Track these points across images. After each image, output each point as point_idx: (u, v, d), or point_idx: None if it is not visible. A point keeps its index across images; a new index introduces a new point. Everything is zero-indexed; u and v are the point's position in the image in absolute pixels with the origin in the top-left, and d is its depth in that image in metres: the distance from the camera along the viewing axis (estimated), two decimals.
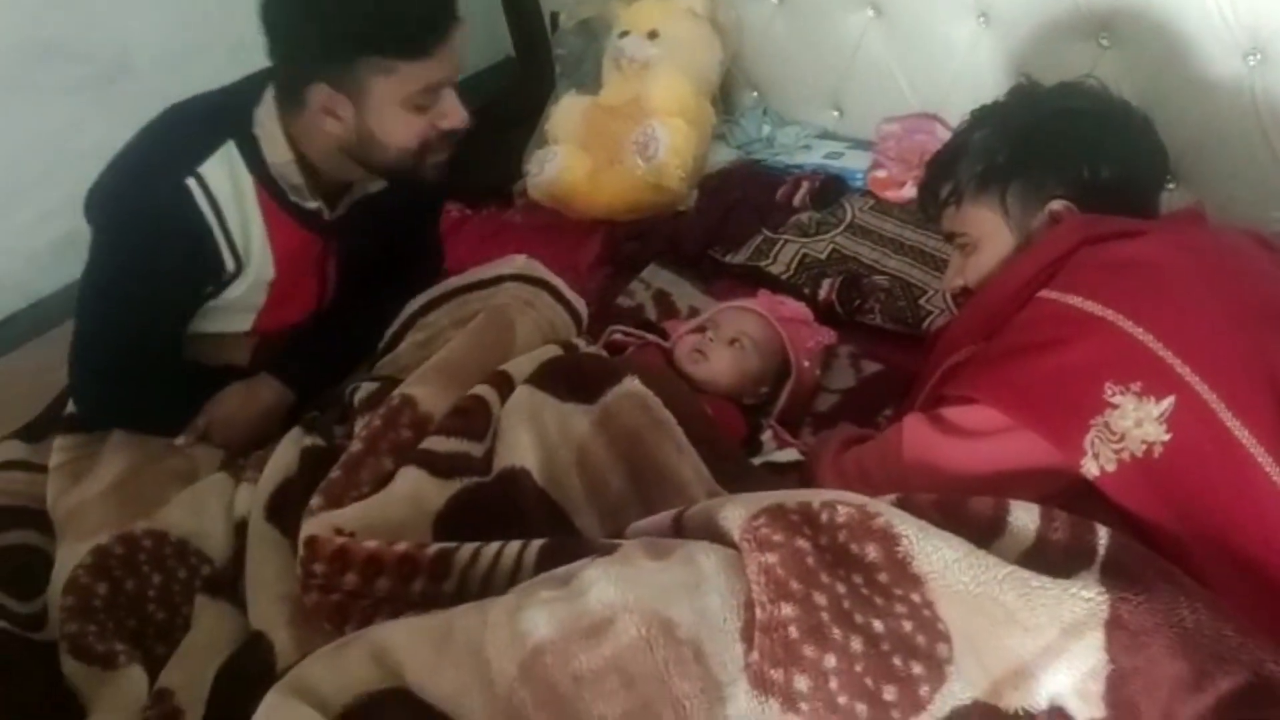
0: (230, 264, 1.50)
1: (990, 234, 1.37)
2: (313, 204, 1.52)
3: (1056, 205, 1.31)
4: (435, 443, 1.37)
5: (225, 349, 1.65)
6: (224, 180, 1.45)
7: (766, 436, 1.57)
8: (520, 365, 1.51)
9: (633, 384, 1.43)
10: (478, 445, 1.40)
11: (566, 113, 2.32)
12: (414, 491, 1.31)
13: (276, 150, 1.46)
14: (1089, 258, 1.18)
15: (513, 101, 2.62)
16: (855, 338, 1.80)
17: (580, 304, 1.74)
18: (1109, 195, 1.31)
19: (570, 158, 2.23)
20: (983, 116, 1.45)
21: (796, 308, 1.73)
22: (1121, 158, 1.32)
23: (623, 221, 2.20)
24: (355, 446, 1.39)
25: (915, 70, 2.07)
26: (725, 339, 1.62)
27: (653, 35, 2.25)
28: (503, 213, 2.38)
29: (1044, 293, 1.18)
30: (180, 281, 1.49)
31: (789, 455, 1.53)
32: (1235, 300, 1.11)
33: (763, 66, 2.36)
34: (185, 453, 1.57)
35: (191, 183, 1.42)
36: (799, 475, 1.47)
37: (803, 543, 1.01)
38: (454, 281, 1.73)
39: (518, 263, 1.75)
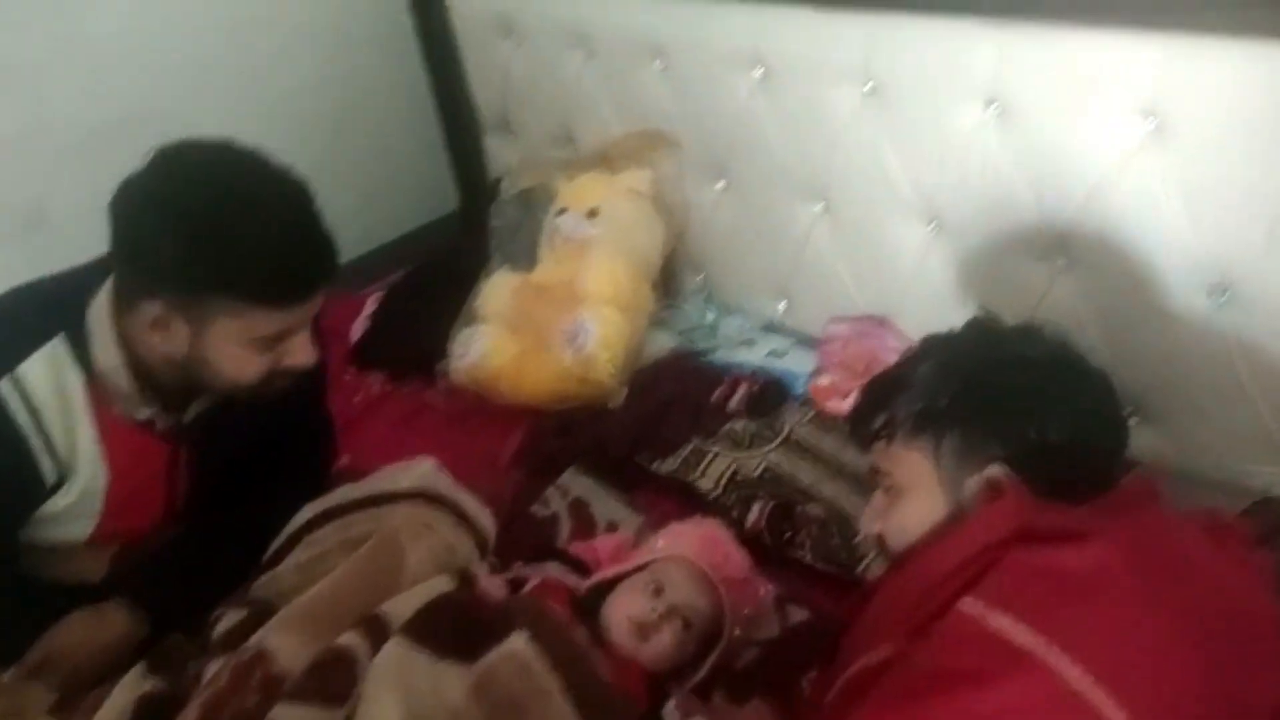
0: (51, 475, 1.33)
1: (918, 484, 1.19)
2: (144, 413, 1.36)
3: (995, 471, 1.13)
4: (283, 714, 1.19)
5: (74, 562, 1.46)
6: (45, 381, 1.29)
7: (669, 708, 1.36)
8: (399, 606, 1.34)
9: (519, 642, 1.26)
10: (335, 711, 1.21)
11: (497, 290, 2.17)
12: None
13: (107, 352, 1.30)
14: (1022, 562, 0.99)
15: (451, 264, 2.49)
16: (782, 575, 1.61)
17: (487, 522, 1.57)
18: (1056, 461, 1.13)
19: (496, 340, 2.08)
20: (931, 348, 1.29)
21: (739, 562, 1.52)
22: (1073, 422, 1.15)
23: (549, 411, 2.03)
24: (190, 714, 1.21)
25: (864, 271, 1.93)
26: (676, 614, 1.41)
27: (592, 214, 2.12)
28: (425, 390, 2.21)
29: (967, 603, 0.99)
30: None
31: None
32: (1194, 634, 0.92)
33: (708, 250, 2.23)
34: (11, 692, 1.34)
35: (5, 386, 1.26)
36: None
37: None
38: (348, 493, 1.56)
39: (422, 471, 1.59)
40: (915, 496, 1.18)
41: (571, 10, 2.22)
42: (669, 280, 2.29)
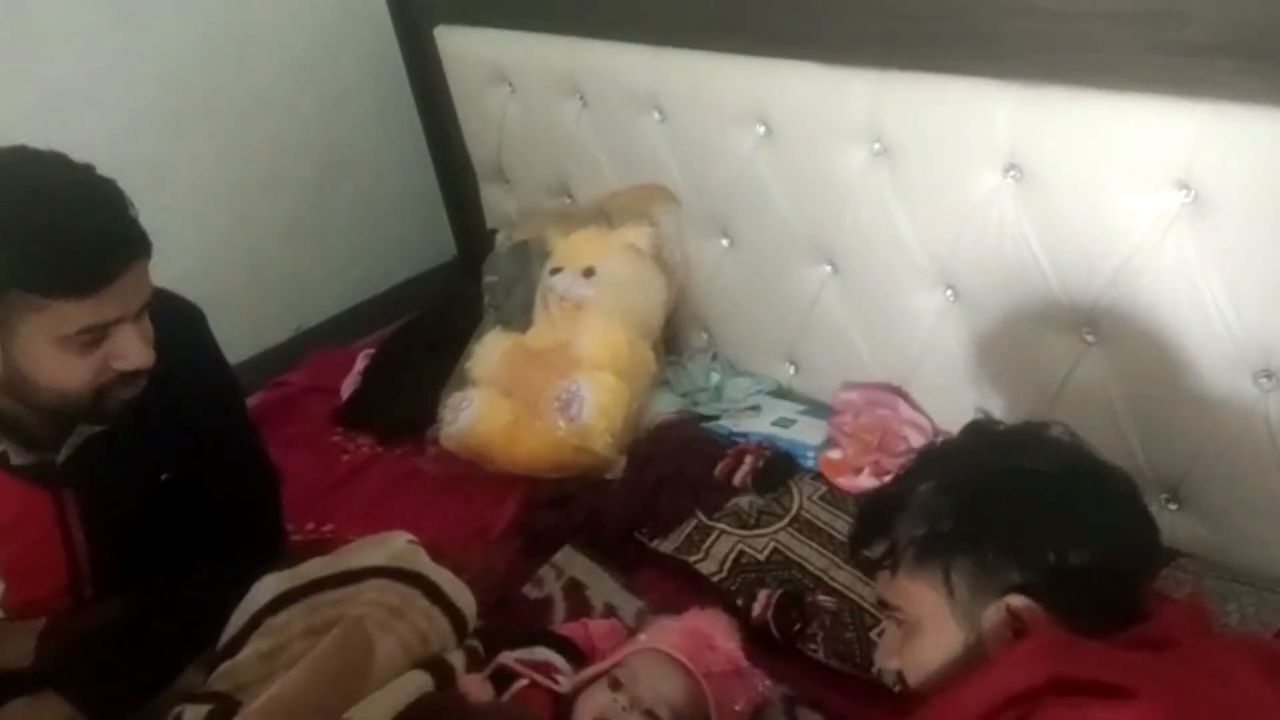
0: None
1: (931, 618, 1.07)
2: (16, 459, 1.29)
3: (1016, 602, 1.02)
4: None
5: None
6: None
7: None
8: (374, 708, 1.26)
9: None
10: None
11: (489, 352, 2.08)
12: None
13: None
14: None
15: (446, 318, 2.41)
16: (793, 672, 1.49)
17: (466, 601, 1.47)
18: (1082, 586, 1.01)
19: (488, 406, 1.98)
20: (927, 462, 1.18)
21: (728, 651, 1.41)
22: (1097, 539, 1.03)
23: (544, 480, 1.93)
24: None
25: (876, 336, 1.82)
26: (641, 708, 1.31)
27: (588, 273, 2.02)
28: (415, 454, 2.11)
29: None
30: None
31: None
32: None
33: (712, 309, 2.12)
34: None
35: None
36: None
37: None
38: (315, 569, 1.47)
39: (396, 549, 1.50)
40: (931, 631, 1.07)
41: (567, 59, 2.12)
42: (672, 339, 2.19)
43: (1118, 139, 1.36)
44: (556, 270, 2.06)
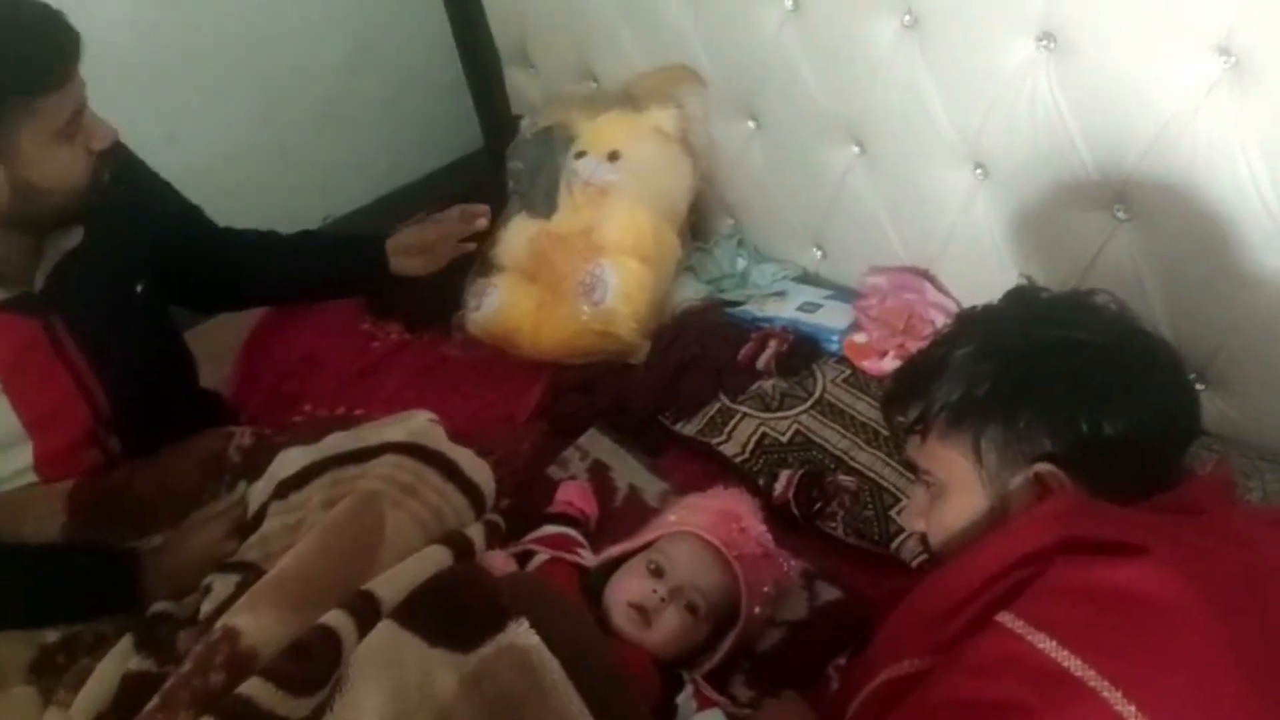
0: None
1: (959, 482, 1.07)
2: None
3: (1043, 468, 1.01)
4: (255, 688, 1.12)
5: (33, 517, 1.41)
6: None
7: (685, 696, 1.28)
8: (393, 582, 1.27)
9: (520, 633, 1.18)
10: (307, 701, 1.14)
11: (513, 238, 2.06)
12: None
13: None
14: (1071, 577, 0.88)
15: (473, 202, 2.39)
16: (812, 549, 1.51)
17: (485, 479, 1.49)
18: (1114, 457, 1.00)
19: (512, 292, 1.98)
20: (968, 327, 1.15)
21: (757, 534, 1.41)
22: (1134, 413, 1.01)
23: (569, 365, 1.93)
24: (153, 701, 1.16)
25: (903, 218, 1.79)
26: (681, 602, 1.32)
27: (613, 157, 1.99)
28: (443, 341, 2.12)
29: (1009, 618, 0.88)
30: None
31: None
32: (1258, 649, 0.81)
33: (738, 194, 2.09)
34: None
35: None
36: None
37: None
38: (337, 444, 1.48)
39: (414, 426, 1.51)
40: (958, 495, 1.07)
41: None
42: (698, 224, 2.17)
43: (1156, 3, 1.31)
44: (581, 155, 2.03)
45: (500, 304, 1.97)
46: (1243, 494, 1.33)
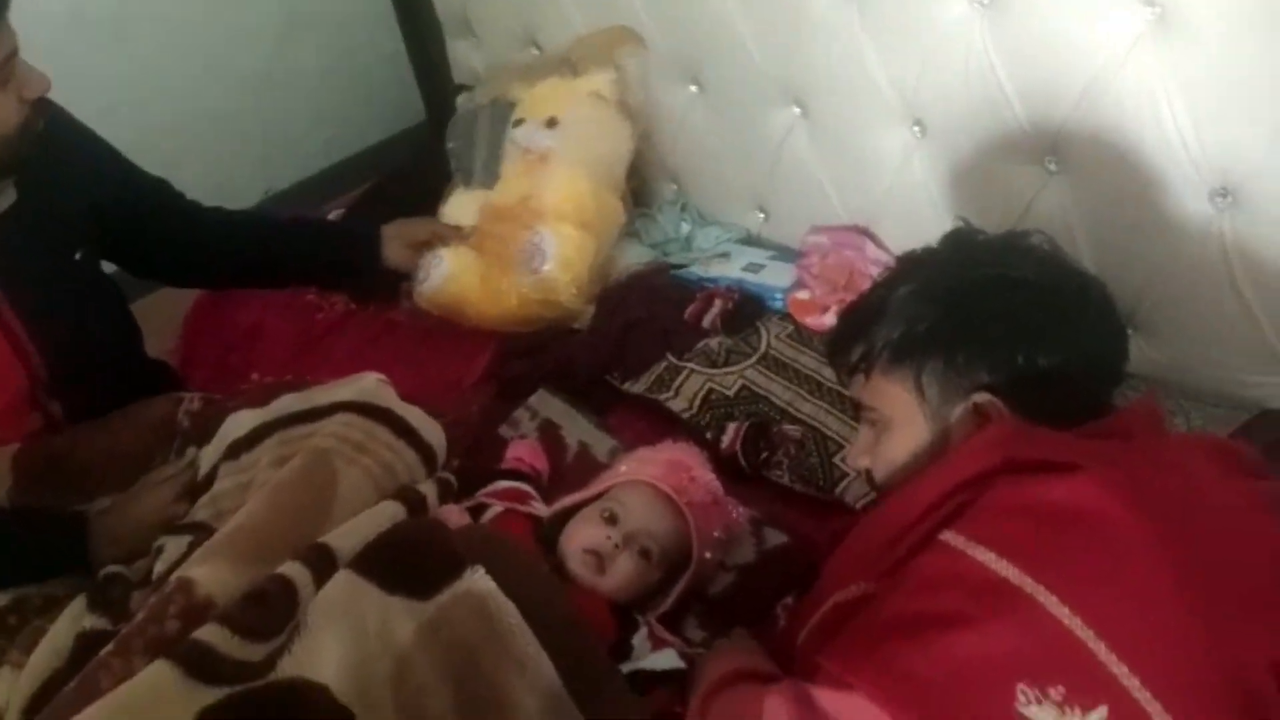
0: None
1: (902, 416, 1.12)
2: None
3: (981, 398, 1.06)
4: (210, 633, 1.12)
5: None
6: None
7: (639, 637, 1.31)
8: (348, 535, 1.27)
9: (476, 579, 1.19)
10: (263, 646, 1.14)
11: (456, 212, 2.06)
12: (153, 698, 1.06)
13: None
14: (1008, 495, 0.93)
15: (414, 179, 2.39)
16: (759, 498, 1.55)
17: (435, 436, 1.50)
18: (1049, 388, 1.05)
19: (458, 264, 1.96)
20: (909, 269, 1.20)
21: (706, 482, 1.45)
22: (1067, 345, 1.06)
23: (515, 334, 1.94)
24: (106, 649, 1.15)
25: (844, 178, 1.83)
26: (635, 548, 1.34)
27: (551, 123, 1.98)
28: (389, 310, 2.12)
29: (950, 536, 0.92)
30: None
31: (665, 660, 1.28)
32: (1191, 575, 0.86)
33: (681, 159, 2.12)
34: None
35: None
36: (676, 688, 1.22)
37: None
38: (285, 405, 1.49)
39: (363, 386, 1.51)
40: (901, 429, 1.11)
41: None
42: (641, 190, 2.19)
43: None
44: (519, 122, 2.02)
45: (447, 276, 1.96)
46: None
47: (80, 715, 1.04)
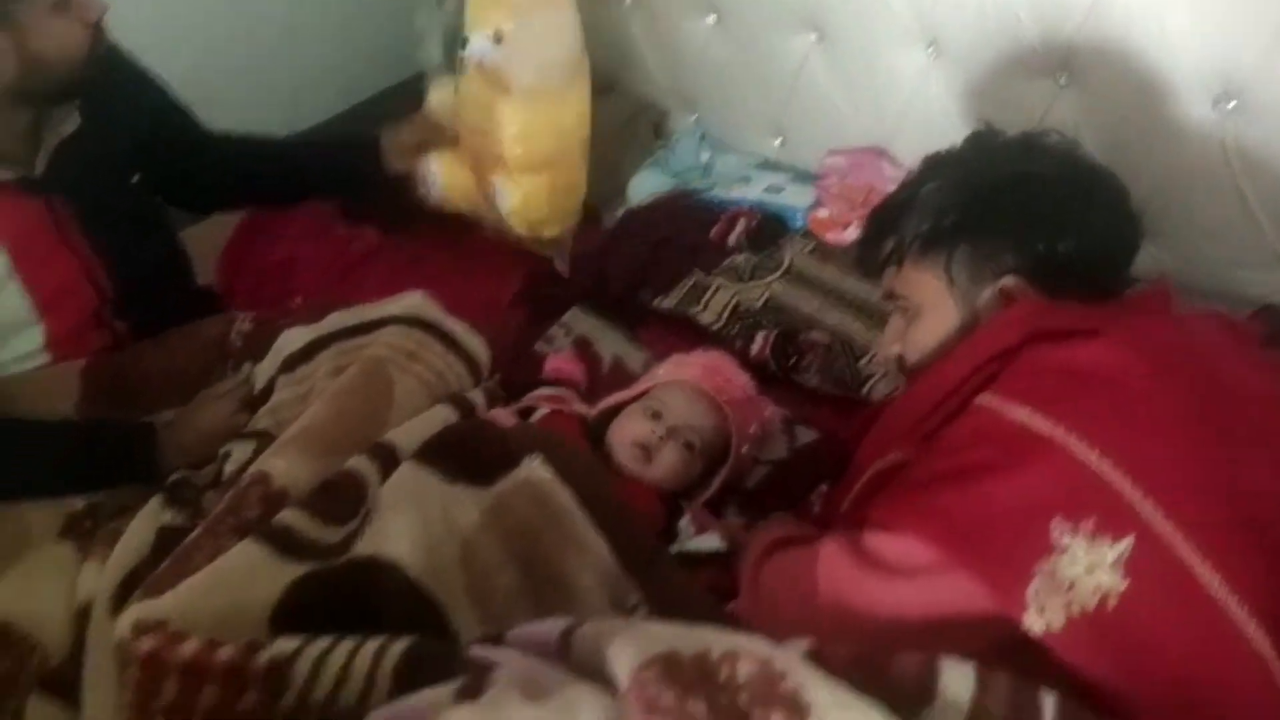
0: None
1: (932, 302, 1.21)
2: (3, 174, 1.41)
3: (1008, 282, 1.15)
4: (290, 517, 1.20)
5: (45, 395, 1.48)
6: None
7: (685, 521, 1.41)
8: (407, 435, 1.35)
9: (533, 468, 1.28)
10: (338, 529, 1.22)
11: (442, 97, 1.93)
12: (247, 571, 1.13)
13: None
14: (1036, 359, 1.02)
15: None
16: (789, 399, 1.64)
17: (480, 348, 1.58)
18: (1069, 271, 1.15)
19: (449, 175, 1.93)
20: (934, 166, 1.29)
21: (743, 383, 1.54)
22: (1084, 233, 1.15)
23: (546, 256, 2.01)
24: (195, 533, 1.22)
25: (860, 100, 1.91)
26: (680, 441, 1.43)
27: (498, 38, 1.72)
28: (419, 239, 2.19)
29: (984, 398, 1.02)
30: None
31: (709, 543, 1.37)
32: (1204, 419, 0.95)
33: (700, 88, 2.19)
34: (13, 514, 1.38)
35: None
36: (723, 568, 1.31)
37: (696, 706, 0.84)
38: (336, 320, 1.57)
39: (411, 302, 1.59)
40: (931, 314, 1.20)
41: None
42: (663, 120, 2.26)
43: None
44: (466, 41, 1.77)
45: (444, 185, 1.94)
46: None
47: (183, 582, 1.11)
